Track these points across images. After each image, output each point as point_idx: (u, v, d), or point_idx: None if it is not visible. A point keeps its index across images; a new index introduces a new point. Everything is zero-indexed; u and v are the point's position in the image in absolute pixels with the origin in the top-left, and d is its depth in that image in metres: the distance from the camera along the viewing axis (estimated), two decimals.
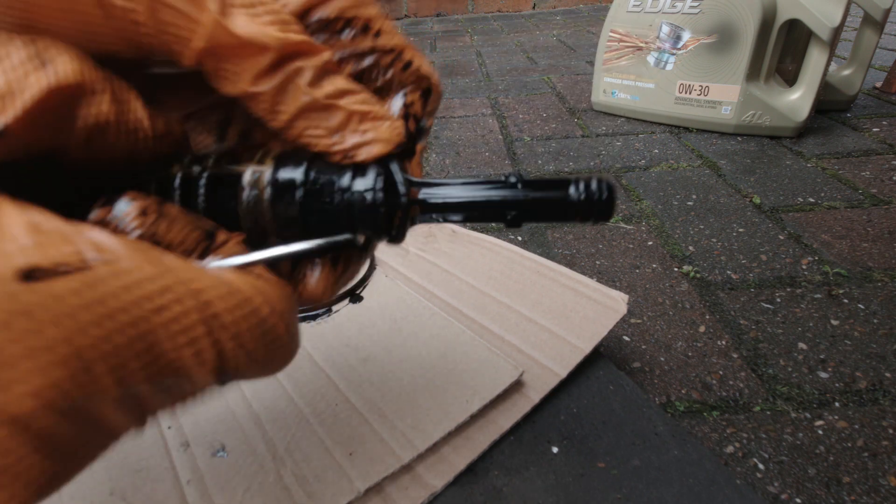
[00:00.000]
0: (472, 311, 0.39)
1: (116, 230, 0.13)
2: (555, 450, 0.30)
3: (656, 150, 0.76)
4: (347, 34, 0.17)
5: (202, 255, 0.14)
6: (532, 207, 0.17)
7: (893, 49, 1.20)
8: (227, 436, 0.30)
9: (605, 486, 0.28)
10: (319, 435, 0.29)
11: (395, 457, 0.28)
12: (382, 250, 0.47)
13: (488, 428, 0.31)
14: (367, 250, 0.18)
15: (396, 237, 0.18)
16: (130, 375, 0.11)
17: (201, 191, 0.16)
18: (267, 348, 0.13)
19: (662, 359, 0.39)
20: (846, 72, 0.82)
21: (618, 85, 0.88)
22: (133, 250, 0.11)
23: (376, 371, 0.33)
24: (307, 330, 0.38)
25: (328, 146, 0.16)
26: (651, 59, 0.82)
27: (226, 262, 0.14)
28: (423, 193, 0.17)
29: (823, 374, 0.37)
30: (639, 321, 0.43)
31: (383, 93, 0.19)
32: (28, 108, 0.11)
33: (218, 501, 0.26)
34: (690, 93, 0.80)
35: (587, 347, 0.35)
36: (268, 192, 0.16)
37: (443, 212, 0.17)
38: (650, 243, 0.53)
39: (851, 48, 0.80)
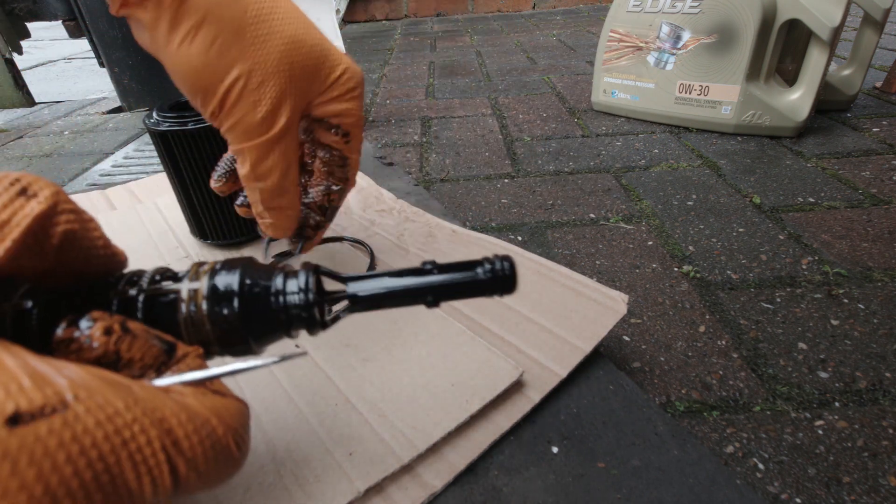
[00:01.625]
0: (472, 311, 0.39)
1: (82, 349, 0.14)
2: (555, 450, 0.30)
3: (656, 150, 0.76)
4: (330, 133, 0.25)
5: (160, 370, 0.15)
6: (447, 289, 0.20)
7: (893, 49, 1.20)
8: None
9: (605, 486, 0.28)
10: (319, 435, 0.29)
11: (395, 457, 0.28)
12: (383, 250, 0.47)
13: (488, 428, 0.31)
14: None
15: (326, 326, 0.20)
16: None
17: (140, 306, 0.17)
18: (217, 465, 0.14)
19: (662, 359, 0.39)
20: (846, 72, 0.82)
21: (618, 85, 0.88)
22: (105, 384, 0.12)
23: (376, 371, 0.33)
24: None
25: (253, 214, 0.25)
26: (651, 58, 0.82)
27: (180, 378, 0.15)
28: (352, 288, 0.20)
29: (823, 374, 0.37)
30: (639, 321, 0.43)
31: (307, 168, 0.30)
32: (20, 234, 0.13)
33: (218, 501, 0.26)
34: (690, 93, 0.80)
35: (587, 347, 0.35)
36: (205, 305, 0.17)
37: (370, 303, 0.20)
38: (650, 243, 0.53)
39: (851, 48, 0.80)
